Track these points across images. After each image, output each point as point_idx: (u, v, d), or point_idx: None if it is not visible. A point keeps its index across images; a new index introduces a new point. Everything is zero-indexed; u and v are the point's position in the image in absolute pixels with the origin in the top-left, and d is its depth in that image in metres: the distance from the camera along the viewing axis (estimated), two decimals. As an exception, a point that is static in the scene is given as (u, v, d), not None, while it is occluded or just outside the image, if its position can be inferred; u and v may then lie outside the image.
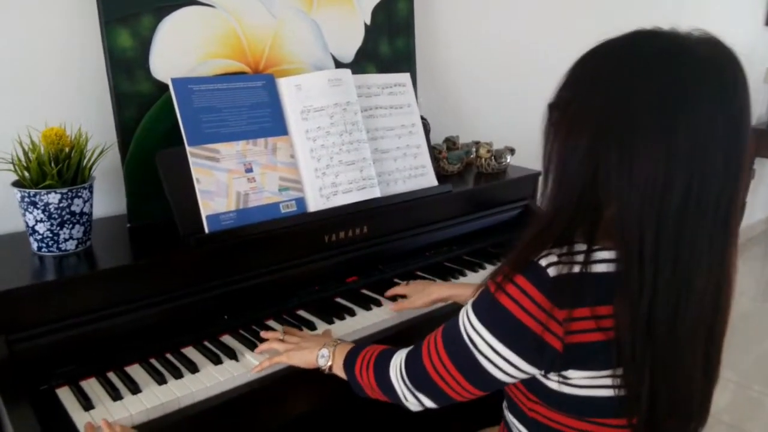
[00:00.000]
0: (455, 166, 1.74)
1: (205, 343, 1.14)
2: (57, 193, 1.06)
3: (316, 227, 1.32)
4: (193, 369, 1.05)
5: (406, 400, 0.92)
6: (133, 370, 1.05)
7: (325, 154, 1.36)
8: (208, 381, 1.03)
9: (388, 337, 1.18)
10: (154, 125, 1.26)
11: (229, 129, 1.26)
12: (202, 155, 1.22)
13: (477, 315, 0.81)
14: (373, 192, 1.41)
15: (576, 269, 0.74)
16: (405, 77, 1.55)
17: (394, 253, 1.48)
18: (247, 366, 1.07)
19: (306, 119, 1.35)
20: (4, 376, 0.93)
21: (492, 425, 1.19)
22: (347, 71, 1.41)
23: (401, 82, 1.55)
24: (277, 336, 1.11)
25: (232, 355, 1.09)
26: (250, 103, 1.30)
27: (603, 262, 0.76)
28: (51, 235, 1.09)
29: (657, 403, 0.77)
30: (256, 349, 1.11)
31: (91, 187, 1.12)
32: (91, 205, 1.13)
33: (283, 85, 1.34)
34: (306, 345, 1.07)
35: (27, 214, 1.08)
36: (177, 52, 1.31)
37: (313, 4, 1.51)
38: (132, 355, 1.08)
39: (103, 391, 0.99)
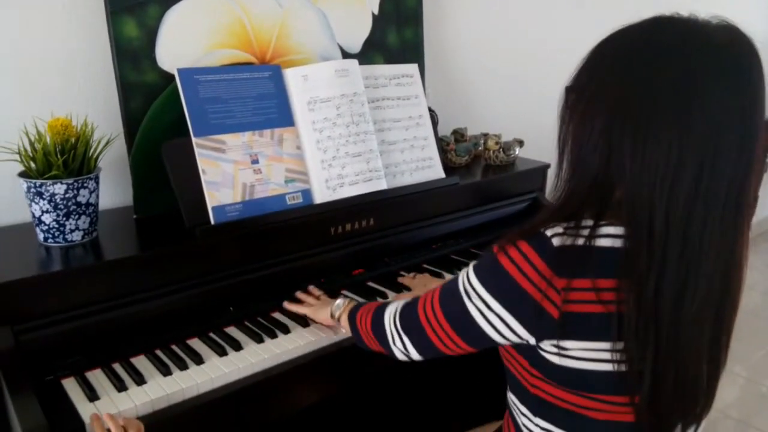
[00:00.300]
0: (463, 158, 1.73)
1: (211, 334, 1.14)
2: (63, 183, 1.06)
3: (322, 219, 1.31)
4: (198, 361, 1.05)
5: (393, 344, 0.95)
6: (139, 362, 1.05)
7: (331, 145, 1.35)
8: (213, 373, 1.03)
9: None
10: (160, 116, 1.25)
11: (236, 120, 1.26)
12: (208, 146, 1.21)
13: (476, 273, 0.82)
14: (380, 184, 1.40)
15: (580, 241, 0.75)
16: (413, 68, 1.54)
17: (400, 246, 1.47)
18: (251, 359, 1.07)
19: (312, 110, 1.34)
20: (10, 366, 0.94)
21: (490, 421, 1.19)
22: (354, 62, 1.40)
23: (409, 73, 1.53)
24: (301, 296, 1.25)
25: (238, 346, 1.09)
26: (257, 94, 1.29)
27: (609, 237, 0.76)
28: (57, 225, 1.09)
29: (661, 384, 0.77)
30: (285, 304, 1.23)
31: (97, 177, 1.12)
32: (97, 195, 1.13)
33: (290, 75, 1.33)
34: (327, 301, 1.18)
35: (33, 204, 1.08)
36: (183, 42, 1.30)
37: (320, -6, 1.49)
38: (137, 346, 1.08)
39: (108, 383, 0.99)
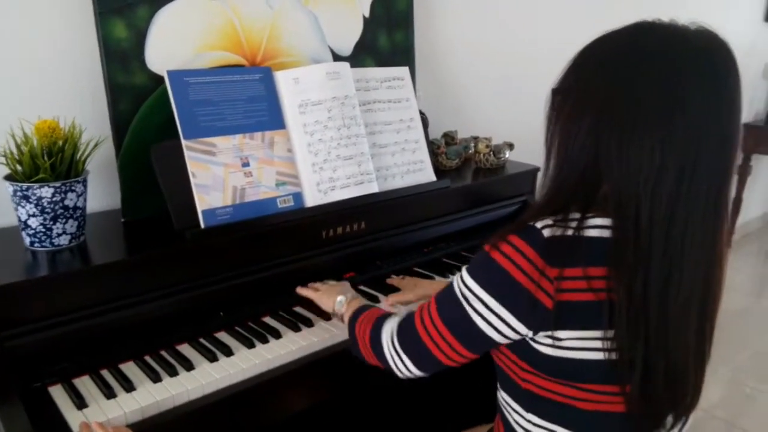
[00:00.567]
0: (454, 162, 1.73)
1: (201, 340, 1.12)
2: (50, 187, 1.04)
3: (313, 222, 1.30)
4: (189, 366, 1.04)
5: (394, 365, 0.94)
6: (128, 368, 1.04)
7: (322, 148, 1.34)
8: (204, 379, 1.01)
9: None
10: (149, 118, 1.23)
11: (226, 122, 1.24)
12: (198, 149, 1.20)
13: (471, 274, 0.83)
14: (371, 187, 1.39)
15: (569, 232, 0.77)
16: (404, 71, 1.54)
17: (391, 249, 1.46)
18: (242, 364, 1.05)
19: (304, 113, 1.33)
20: (-5, 374, 0.92)
21: (481, 424, 1.19)
22: (346, 64, 1.39)
23: (400, 76, 1.53)
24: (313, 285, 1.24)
25: (228, 352, 1.08)
26: (247, 96, 1.28)
27: (596, 227, 0.78)
28: (44, 229, 1.07)
29: (652, 373, 0.79)
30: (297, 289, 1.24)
31: (85, 181, 1.10)
32: (84, 199, 1.11)
33: (281, 78, 1.32)
34: (332, 290, 1.18)
35: (19, 208, 1.06)
36: (173, 43, 1.29)
37: (311, -4, 1.48)
38: (126, 352, 1.06)
39: (96, 390, 0.97)
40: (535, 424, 0.88)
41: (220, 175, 1.22)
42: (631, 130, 0.75)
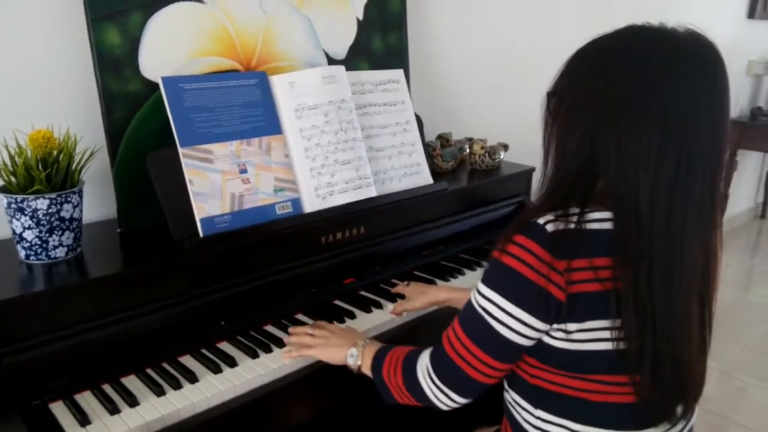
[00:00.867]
0: (449, 164, 1.72)
1: (203, 350, 1.10)
2: (46, 198, 1.01)
3: (312, 228, 1.29)
4: (192, 379, 1.02)
5: (437, 399, 0.92)
6: (130, 382, 1.01)
7: (320, 153, 1.32)
8: (209, 391, 0.99)
9: (390, 339, 1.15)
10: (144, 126, 1.21)
11: (222, 129, 1.23)
12: (195, 156, 1.18)
13: (485, 282, 0.85)
14: (369, 191, 1.38)
15: (571, 226, 0.80)
16: (398, 74, 1.53)
17: (390, 253, 1.45)
18: (247, 375, 1.04)
19: (300, 117, 1.31)
20: (-6, 392, 0.89)
21: (486, 425, 1.20)
22: (341, 68, 1.38)
23: (395, 78, 1.52)
24: (306, 330, 1.12)
25: (232, 363, 1.06)
26: (243, 102, 1.26)
27: (596, 221, 0.81)
28: (40, 242, 1.04)
29: (661, 363, 0.81)
30: (285, 339, 1.12)
31: (80, 191, 1.08)
32: (81, 210, 1.09)
33: (277, 82, 1.31)
34: (336, 342, 1.07)
35: (14, 221, 1.03)
36: (167, 49, 1.27)
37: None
38: (127, 365, 1.03)
39: (99, 405, 0.95)
40: (545, 420, 0.89)
41: (218, 183, 1.20)
42: (628, 127, 0.78)
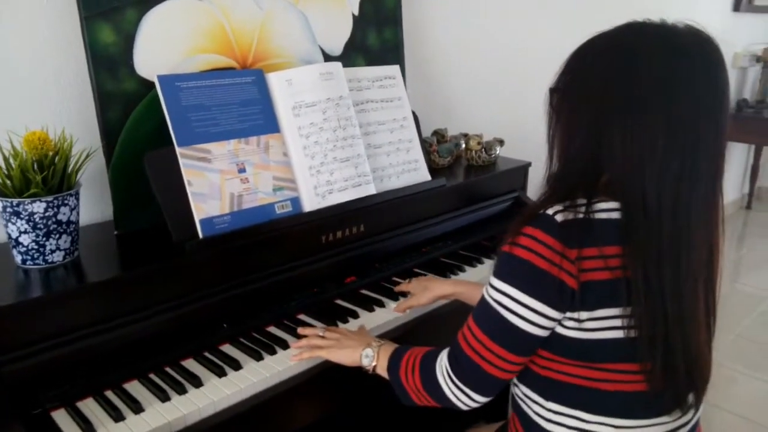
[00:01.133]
0: (446, 159, 1.71)
1: (206, 354, 1.08)
2: (42, 201, 0.99)
3: (312, 227, 1.27)
4: (197, 383, 1.00)
5: (457, 400, 0.91)
6: (133, 387, 0.99)
7: (319, 151, 1.31)
8: (215, 395, 0.97)
9: (396, 338, 1.13)
10: (139, 126, 1.19)
11: (220, 127, 1.21)
12: (193, 156, 1.16)
13: (497, 275, 0.85)
14: (369, 189, 1.37)
15: (580, 216, 0.80)
16: (395, 69, 1.51)
17: (390, 251, 1.44)
18: (253, 378, 1.02)
19: (298, 115, 1.30)
20: (-5, 401, 0.87)
21: (487, 422, 1.20)
22: (338, 64, 1.36)
23: (391, 74, 1.51)
24: (316, 332, 1.10)
25: (237, 366, 1.04)
26: (240, 100, 1.24)
27: (604, 211, 0.81)
28: (36, 246, 1.01)
29: (673, 350, 0.81)
30: (295, 344, 1.09)
31: (77, 193, 1.05)
32: (78, 213, 1.06)
33: (274, 80, 1.29)
34: (348, 343, 1.06)
35: (9, 224, 1.00)
36: (162, 47, 1.24)
37: (299, -5, 1.45)
38: (129, 371, 1.01)
39: (103, 413, 0.93)
40: (556, 412, 0.89)
41: (217, 183, 1.18)
42: (633, 124, 0.78)
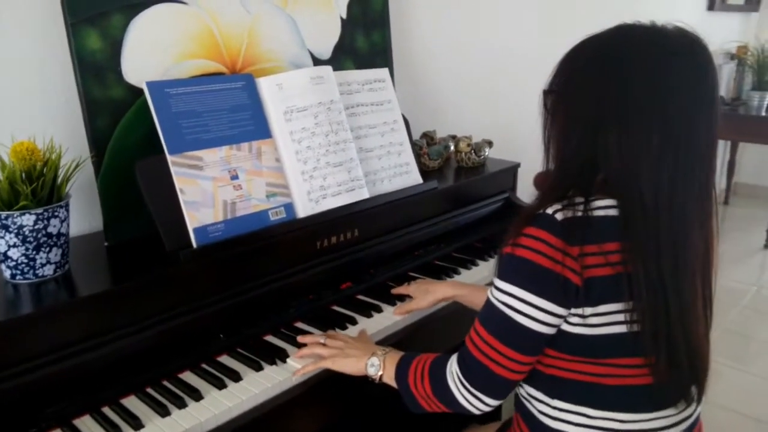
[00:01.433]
0: (436, 162, 1.71)
1: (204, 365, 1.06)
2: (32, 214, 0.95)
3: (307, 234, 1.26)
4: (197, 396, 0.97)
5: (468, 404, 0.90)
6: (131, 403, 0.96)
7: (311, 156, 1.29)
8: (216, 408, 0.95)
9: (394, 343, 1.13)
10: (129, 133, 1.16)
11: (211, 134, 1.18)
12: (185, 164, 1.13)
13: (500, 277, 0.85)
14: (362, 193, 1.35)
15: (579, 214, 0.82)
16: (384, 72, 1.50)
17: (384, 256, 1.43)
18: (254, 389, 1.00)
19: (289, 120, 1.28)
20: (-13, 424, 0.84)
21: (481, 423, 1.19)
22: (328, 68, 1.34)
23: (381, 77, 1.50)
24: (317, 340, 1.08)
25: (237, 377, 1.02)
26: (231, 106, 1.22)
27: (602, 208, 0.83)
28: (26, 260, 0.98)
29: (676, 343, 0.82)
30: (296, 353, 1.07)
31: (67, 205, 1.02)
32: (68, 225, 1.03)
33: (264, 85, 1.27)
34: (352, 352, 1.04)
35: (-3, 239, 0.97)
36: (150, 53, 1.21)
37: (287, -1, 1.43)
38: (126, 386, 0.98)
39: (101, 430, 0.90)
40: (561, 410, 0.89)
41: (209, 190, 1.15)
42: (628, 125, 0.80)
